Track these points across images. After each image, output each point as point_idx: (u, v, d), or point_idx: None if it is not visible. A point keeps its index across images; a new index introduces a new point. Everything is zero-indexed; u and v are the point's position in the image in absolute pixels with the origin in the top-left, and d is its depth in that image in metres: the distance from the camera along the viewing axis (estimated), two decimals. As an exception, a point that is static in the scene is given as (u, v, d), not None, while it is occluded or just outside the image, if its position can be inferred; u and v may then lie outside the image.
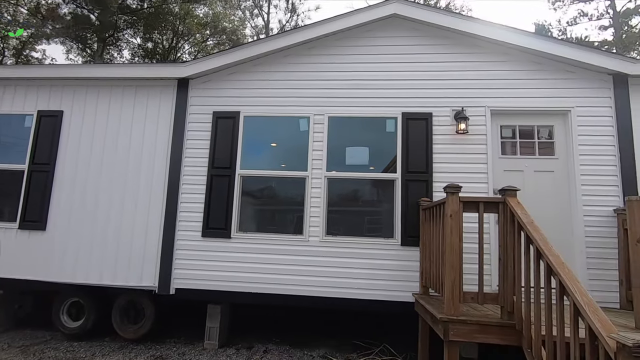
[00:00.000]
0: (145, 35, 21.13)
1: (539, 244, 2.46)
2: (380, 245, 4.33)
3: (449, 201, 3.03)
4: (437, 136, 4.43)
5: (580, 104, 4.31)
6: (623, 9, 23.42)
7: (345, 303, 4.27)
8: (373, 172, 4.52)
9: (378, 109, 4.58)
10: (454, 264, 2.96)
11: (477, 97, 4.46)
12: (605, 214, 4.08)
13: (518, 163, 4.41)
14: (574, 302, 2.06)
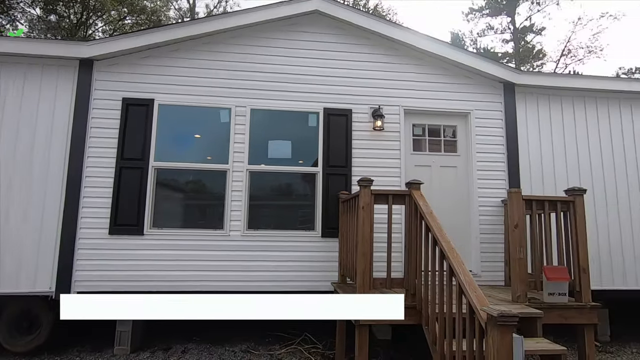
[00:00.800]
0: (47, 6, 18.40)
1: (435, 232, 2.75)
2: (302, 237, 4.42)
3: (362, 194, 3.21)
4: (356, 132, 4.65)
5: (477, 107, 4.87)
6: (521, 26, 26.90)
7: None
8: (295, 166, 4.57)
9: (301, 103, 4.64)
10: (366, 253, 3.15)
11: (392, 97, 4.77)
12: (495, 205, 4.68)
13: (427, 159, 4.83)
14: (459, 281, 2.34)
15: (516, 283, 3.31)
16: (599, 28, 26.98)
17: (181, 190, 4.54)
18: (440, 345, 2.57)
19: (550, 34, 36.79)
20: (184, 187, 4.53)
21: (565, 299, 3.28)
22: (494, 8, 27.23)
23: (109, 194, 4.15)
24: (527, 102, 4.94)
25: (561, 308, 3.24)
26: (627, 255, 4.76)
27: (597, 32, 27.04)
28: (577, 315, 3.25)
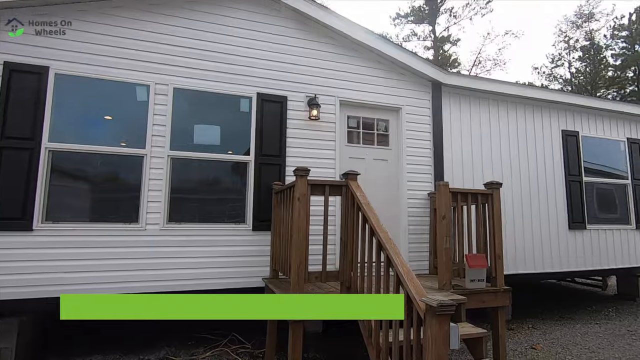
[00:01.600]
0: None
1: (372, 223, 2.70)
2: (231, 231, 4.09)
3: (298, 184, 3.04)
4: (291, 120, 4.45)
5: (408, 103, 5.03)
6: (440, 36, 29.30)
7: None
8: (225, 154, 4.20)
9: (233, 86, 4.27)
10: (301, 246, 2.99)
11: (329, 87, 4.67)
12: (422, 197, 4.91)
13: (361, 151, 4.86)
14: (396, 272, 2.31)
15: (442, 271, 3.46)
16: (503, 43, 30.78)
17: (85, 178, 3.84)
18: (376, 337, 2.53)
19: (464, 45, 40.80)
20: (89, 174, 3.83)
21: (484, 284, 3.54)
22: (417, 16, 29.18)
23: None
24: (451, 101, 5.26)
25: (480, 293, 3.48)
26: (527, 243, 5.39)
27: (502, 47, 30.86)
28: (493, 299, 3.52)
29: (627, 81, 25.31)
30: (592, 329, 5.16)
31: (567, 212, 5.71)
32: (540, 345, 4.50)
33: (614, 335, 4.93)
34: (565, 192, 5.75)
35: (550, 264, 5.49)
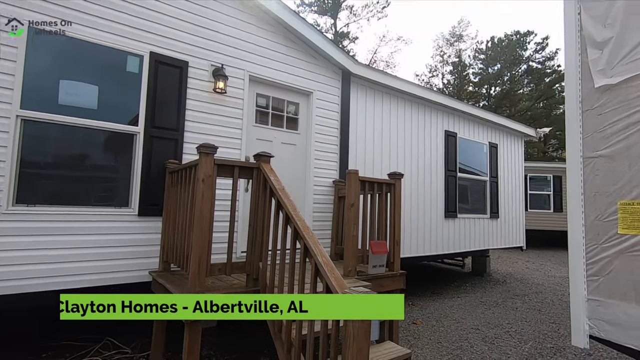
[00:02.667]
0: None
1: (289, 210, 2.50)
2: (110, 216, 3.36)
3: (203, 163, 2.61)
4: (192, 90, 3.87)
5: (320, 88, 4.94)
6: (340, 31, 30.45)
7: (56, 296, 3.05)
8: (104, 121, 3.39)
9: (118, 38, 3.46)
10: (204, 234, 2.59)
11: (238, 59, 4.23)
12: (327, 185, 4.91)
13: (269, 133, 4.57)
14: (315, 262, 2.17)
15: (349, 259, 3.50)
16: (395, 48, 33.71)
17: None
18: (287, 331, 2.36)
19: (361, 43, 43.58)
20: None
21: (384, 269, 3.72)
22: (321, 7, 29.65)
23: None
24: (358, 92, 5.38)
25: (380, 278, 3.65)
26: (413, 229, 5.97)
27: (394, 51, 33.80)
28: (390, 283, 3.74)
29: (481, 96, 30.77)
30: (456, 302, 6.05)
31: (445, 203, 6.53)
32: (420, 319, 5.05)
33: (471, 306, 5.88)
34: (444, 185, 6.56)
35: (429, 248, 6.21)
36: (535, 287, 7.45)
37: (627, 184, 2.40)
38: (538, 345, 4.25)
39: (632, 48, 2.43)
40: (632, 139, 2.38)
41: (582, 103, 2.70)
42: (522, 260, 11.15)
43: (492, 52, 30.01)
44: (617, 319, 2.37)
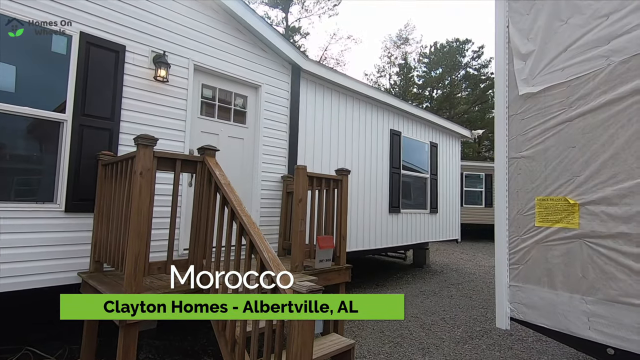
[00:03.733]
0: None
1: (234, 205, 2.44)
2: (31, 212, 3.01)
3: (141, 155, 2.45)
4: (130, 77, 3.59)
5: (268, 82, 4.87)
6: (292, 25, 30.23)
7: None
8: (24, 106, 3.02)
9: (40, 13, 3.10)
10: (142, 231, 2.44)
11: (182, 47, 4.01)
12: (275, 180, 4.88)
13: (215, 126, 4.41)
14: (261, 259, 2.15)
15: (296, 253, 3.52)
16: (345, 46, 34.30)
17: None
18: (231, 329, 2.32)
19: (313, 40, 43.66)
20: None
21: (330, 264, 3.79)
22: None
23: None
24: (308, 88, 5.39)
25: (327, 272, 3.72)
26: (359, 224, 6.16)
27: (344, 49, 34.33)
28: (337, 277, 3.83)
29: (425, 98, 32.55)
30: (397, 293, 6.38)
31: (389, 199, 6.83)
32: (364, 311, 5.24)
33: (412, 296, 6.23)
34: (389, 182, 6.85)
35: (374, 242, 6.46)
36: (468, 276, 8.10)
37: (543, 182, 2.70)
38: (469, 329, 4.64)
39: (550, 61, 2.73)
40: (548, 142, 2.68)
41: (508, 108, 2.98)
42: (457, 252, 12.05)
43: (434, 57, 31.83)
44: (533, 302, 2.67)
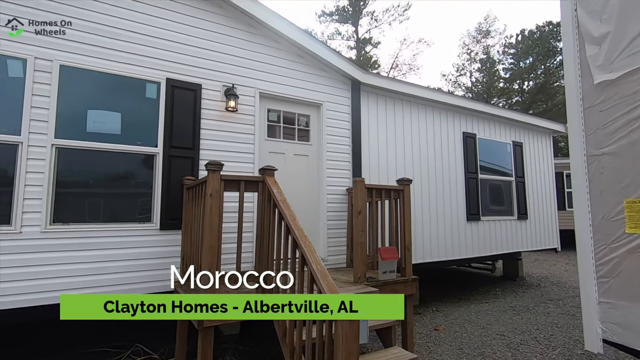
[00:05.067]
0: None
1: (288, 220, 2.63)
2: (135, 231, 3.66)
3: (210, 179, 2.82)
4: (206, 111, 4.14)
5: (328, 99, 5.08)
6: (362, 37, 30.57)
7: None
8: (127, 145, 3.72)
9: (137, 68, 3.81)
10: (213, 245, 2.78)
11: (248, 77, 4.46)
12: (341, 193, 5.01)
13: (281, 146, 4.76)
14: (310, 270, 2.28)
15: (357, 265, 3.57)
16: (417, 50, 33.37)
17: None
18: (290, 336, 2.48)
19: (384, 48, 43.49)
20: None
21: (395, 275, 3.74)
22: (341, 15, 30.00)
23: None
24: (369, 100, 5.46)
25: (391, 283, 3.68)
26: (433, 234, 5.90)
27: (416, 53, 33.46)
28: (402, 288, 3.75)
29: (514, 92, 29.57)
30: (483, 308, 5.87)
31: (466, 206, 6.40)
32: (442, 326, 4.96)
33: (499, 311, 5.68)
34: (464, 188, 6.43)
35: (451, 252, 6.09)
36: (571, 290, 7.05)
37: (633, 182, 2.31)
38: (567, 352, 4.06)
39: (630, 41, 2.36)
40: (634, 135, 2.30)
41: (583, 100, 2.64)
42: (560, 262, 10.56)
43: (522, 46, 28.86)
44: (629, 321, 2.27)
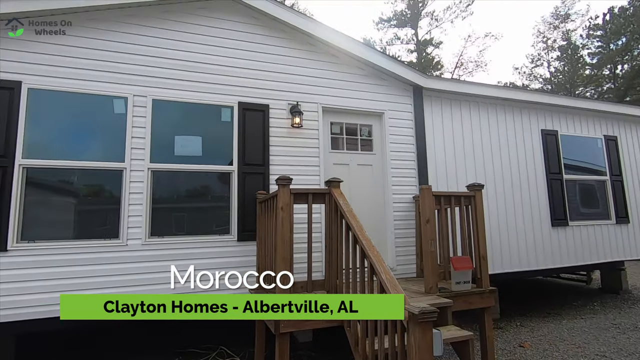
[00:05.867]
0: None
1: (355, 230, 2.69)
2: (215, 242, 4.03)
3: (280, 193, 3.02)
4: (273, 129, 4.43)
5: (391, 108, 5.07)
6: (422, 39, 29.74)
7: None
8: (207, 164, 4.15)
9: (213, 95, 4.24)
10: (285, 256, 2.96)
11: (311, 94, 4.68)
12: (407, 201, 4.93)
13: (345, 157, 4.86)
14: (379, 280, 2.30)
15: (428, 275, 3.48)
16: (484, 45, 31.36)
17: (62, 194, 3.75)
18: (362, 345, 2.51)
19: (446, 47, 41.80)
20: (66, 190, 3.75)
21: (469, 286, 3.56)
22: (400, 20, 29.59)
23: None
24: (432, 105, 5.32)
25: (466, 295, 3.50)
26: (512, 242, 5.46)
27: (482, 49, 31.51)
28: (479, 300, 3.55)
29: (604, 79, 26.08)
30: (577, 324, 5.24)
31: (550, 210, 5.81)
32: (528, 342, 4.54)
33: (599, 329, 5.01)
34: (546, 190, 5.86)
35: (535, 261, 5.56)
36: (695, 308, 5.93)
37: None
38: (691, 381, 3.44)
39: None
40: None
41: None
42: (680, 273, 8.92)
43: (613, 26, 25.42)
44: None
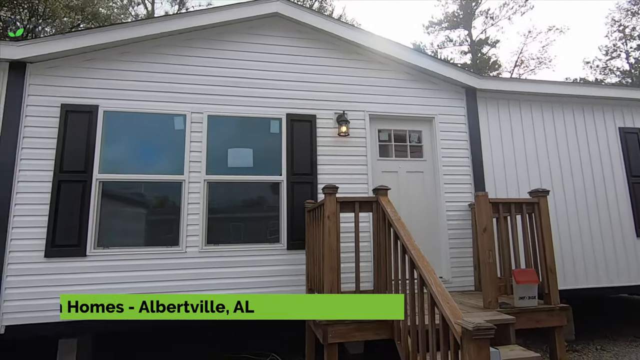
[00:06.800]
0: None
1: (404, 239, 2.59)
2: (266, 251, 4.15)
3: (327, 202, 3.02)
4: (320, 138, 4.48)
5: (441, 112, 4.87)
6: (477, 39, 28.35)
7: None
8: (258, 175, 4.30)
9: (262, 109, 4.41)
10: (333, 265, 2.94)
11: (357, 102, 4.66)
12: (462, 209, 4.65)
13: (393, 164, 4.75)
14: (430, 292, 2.18)
15: (487, 289, 3.23)
16: (547, 40, 28.93)
17: (131, 205, 4.14)
18: (414, 361, 2.39)
19: (504, 46, 39.37)
20: (134, 201, 4.13)
21: (535, 302, 3.23)
22: (452, 22, 28.55)
23: (45, 212, 3.68)
24: (488, 107, 5.01)
25: (532, 311, 3.19)
26: (587, 254, 4.88)
27: (545, 44, 29.13)
28: (547, 318, 3.20)
29: (700, 67, 22.64)
30: (676, 352, 4.49)
31: (633, 218, 5.11)
32: (612, 370, 3.99)
33: None
34: (628, 196, 5.17)
35: (616, 277, 4.91)
36: None
37: None
38: None
39: None
40: None
41: None
42: None
43: None
44: None
